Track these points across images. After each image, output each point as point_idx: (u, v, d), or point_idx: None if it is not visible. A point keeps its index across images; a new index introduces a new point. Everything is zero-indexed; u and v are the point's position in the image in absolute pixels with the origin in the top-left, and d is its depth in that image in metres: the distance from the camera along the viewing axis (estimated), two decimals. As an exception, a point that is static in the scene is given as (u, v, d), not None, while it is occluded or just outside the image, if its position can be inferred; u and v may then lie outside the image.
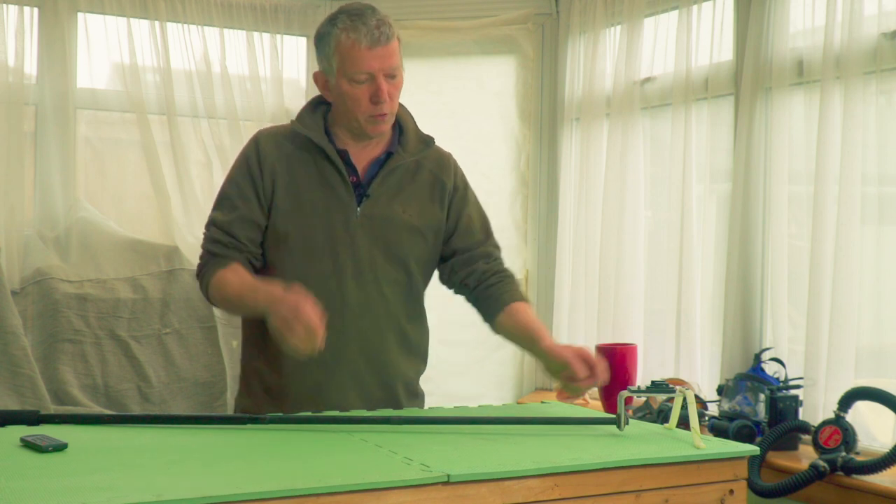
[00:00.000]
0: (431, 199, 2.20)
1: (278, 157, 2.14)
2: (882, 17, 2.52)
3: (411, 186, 2.18)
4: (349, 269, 2.11)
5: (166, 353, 3.39)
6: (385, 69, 2.06)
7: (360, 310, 2.12)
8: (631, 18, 3.30)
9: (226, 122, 3.67)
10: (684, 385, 2.79)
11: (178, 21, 3.60)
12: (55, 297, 3.25)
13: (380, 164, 2.16)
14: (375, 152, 2.17)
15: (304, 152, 2.14)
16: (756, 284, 2.93)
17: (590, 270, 3.49)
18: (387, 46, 2.05)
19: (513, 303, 2.17)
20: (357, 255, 2.12)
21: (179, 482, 1.36)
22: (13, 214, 3.29)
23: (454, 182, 2.24)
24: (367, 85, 2.06)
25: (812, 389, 2.61)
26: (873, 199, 2.56)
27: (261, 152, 2.15)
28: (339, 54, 2.06)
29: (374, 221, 2.13)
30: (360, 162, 2.16)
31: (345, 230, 2.11)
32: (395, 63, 2.07)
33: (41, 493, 1.28)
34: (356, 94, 2.07)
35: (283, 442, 1.68)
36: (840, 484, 2.30)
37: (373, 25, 2.04)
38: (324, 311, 2.07)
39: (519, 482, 1.47)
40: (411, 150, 2.19)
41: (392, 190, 2.16)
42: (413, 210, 2.17)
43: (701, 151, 3.09)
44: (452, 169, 2.25)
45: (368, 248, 2.12)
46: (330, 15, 2.11)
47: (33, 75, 3.43)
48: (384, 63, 2.05)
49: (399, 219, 2.14)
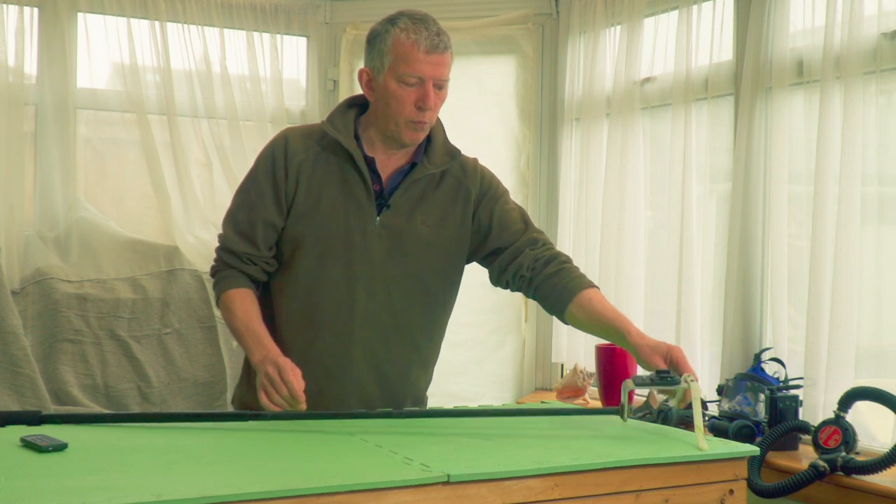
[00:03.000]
0: (454, 208, 2.16)
1: (305, 158, 2.12)
2: (882, 17, 2.52)
3: (433, 196, 2.15)
4: (362, 278, 2.10)
5: (166, 353, 3.39)
6: (436, 77, 2.06)
7: (368, 319, 2.11)
8: (631, 18, 3.30)
9: (226, 122, 3.67)
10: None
11: (178, 21, 3.60)
12: (55, 297, 3.25)
13: (403, 174, 2.14)
14: (401, 162, 2.15)
15: (330, 154, 2.13)
16: (756, 284, 2.93)
17: (590, 270, 3.48)
18: (443, 55, 2.06)
19: (582, 291, 2.07)
20: (371, 265, 2.10)
21: (179, 482, 1.36)
22: (13, 214, 3.29)
23: (480, 187, 2.19)
24: (415, 88, 2.05)
25: (812, 389, 2.61)
26: (873, 199, 2.56)
27: (289, 151, 2.12)
28: (395, 53, 2.04)
29: (392, 232, 2.11)
30: (385, 171, 2.14)
31: (361, 238, 2.10)
32: (446, 74, 2.08)
33: (41, 493, 1.28)
34: (402, 95, 2.05)
35: (283, 442, 1.68)
36: (840, 484, 2.30)
37: (433, 31, 2.06)
38: (333, 317, 2.09)
39: (519, 482, 1.47)
40: (436, 161, 2.16)
41: (413, 201, 2.13)
42: (433, 221, 2.14)
43: (701, 151, 3.09)
44: (478, 174, 2.21)
45: (383, 259, 2.11)
46: (388, 16, 2.10)
47: (33, 75, 3.44)
48: (437, 70, 2.05)
49: (417, 231, 2.12)
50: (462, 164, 2.21)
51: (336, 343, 2.11)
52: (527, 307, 3.84)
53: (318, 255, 2.10)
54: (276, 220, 2.12)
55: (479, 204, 2.18)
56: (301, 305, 2.13)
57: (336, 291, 2.10)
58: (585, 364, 3.43)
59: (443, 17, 3.77)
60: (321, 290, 2.11)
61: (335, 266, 2.10)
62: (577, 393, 3.39)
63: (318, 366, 2.11)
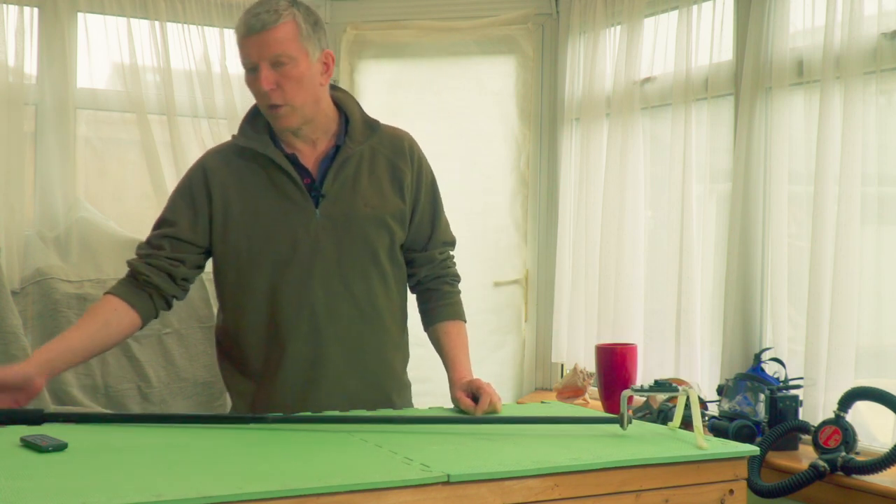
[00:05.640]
0: (392, 189, 2.15)
1: (228, 174, 2.10)
2: (882, 17, 2.52)
3: (369, 178, 2.12)
4: (317, 275, 2.08)
5: (166, 353, 3.39)
6: (266, 57, 1.99)
7: (332, 314, 2.09)
8: (631, 18, 3.30)
9: (226, 122, 3.67)
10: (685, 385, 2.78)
11: (178, 21, 3.60)
12: (55, 297, 3.25)
13: (330, 159, 2.11)
14: (323, 148, 2.12)
15: (252, 163, 2.10)
16: (756, 284, 2.93)
17: (590, 270, 3.49)
18: (263, 33, 1.98)
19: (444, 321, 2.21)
20: (324, 258, 2.08)
21: (179, 482, 1.36)
22: (13, 214, 3.29)
23: (412, 168, 2.18)
24: (256, 74, 2.01)
25: (812, 389, 2.61)
26: (873, 199, 2.56)
27: (208, 172, 2.11)
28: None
29: (336, 220, 2.09)
30: (310, 162, 2.11)
31: (307, 235, 2.08)
32: (277, 50, 1.97)
33: (41, 493, 1.28)
34: (250, 84, 2.04)
35: (283, 442, 1.68)
36: (840, 484, 2.30)
37: (253, 13, 2.00)
38: (298, 322, 2.07)
39: (519, 482, 1.47)
40: (358, 138, 2.12)
41: (348, 184, 2.10)
42: (374, 201, 2.11)
43: (701, 151, 3.09)
44: (408, 153, 2.18)
45: (334, 249, 2.09)
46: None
47: (33, 75, 3.43)
48: (262, 51, 1.99)
49: (361, 213, 2.10)
50: (392, 138, 2.18)
51: (307, 347, 2.09)
52: (527, 307, 3.84)
53: (269, 264, 2.08)
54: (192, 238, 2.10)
55: (412, 187, 2.17)
56: (265, 319, 2.10)
57: (296, 296, 2.08)
58: (585, 364, 3.43)
59: (443, 17, 3.80)
60: (281, 300, 2.08)
61: (289, 270, 2.08)
62: (577, 393, 3.39)
63: (296, 374, 2.09)
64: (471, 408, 1.96)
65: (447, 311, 2.22)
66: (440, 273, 2.24)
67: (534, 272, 3.84)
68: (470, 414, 1.95)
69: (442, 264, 2.25)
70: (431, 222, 2.22)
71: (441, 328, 2.21)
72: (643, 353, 3.23)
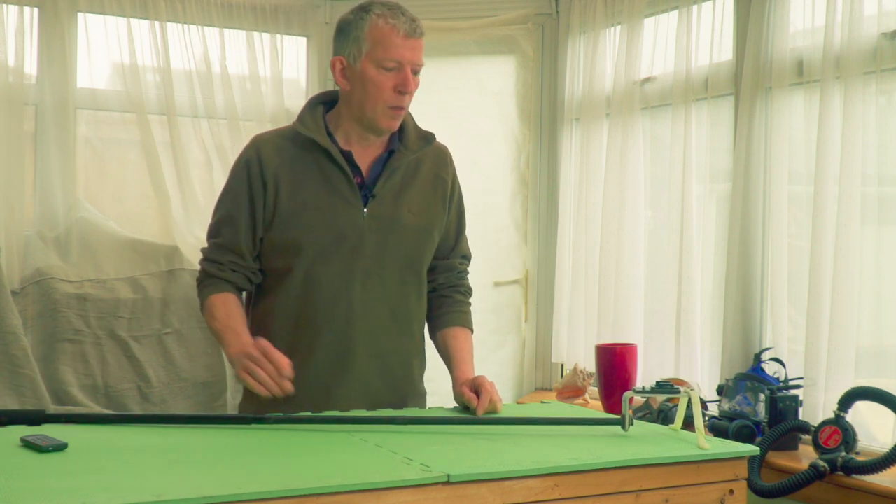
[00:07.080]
0: (434, 195, 2.21)
1: (280, 163, 2.12)
2: (882, 17, 2.52)
3: (414, 184, 2.18)
4: (357, 272, 2.11)
5: (166, 353, 3.39)
6: (414, 62, 2.07)
7: (367, 312, 2.12)
8: (631, 18, 3.30)
9: (226, 122, 3.67)
10: (686, 385, 2.78)
11: (178, 21, 3.60)
12: (55, 297, 3.25)
13: (383, 162, 2.16)
14: (378, 152, 2.17)
15: (306, 154, 2.13)
16: (756, 284, 2.93)
17: (590, 270, 3.49)
18: (419, 41, 2.08)
19: (452, 326, 2.24)
20: (365, 257, 2.12)
21: (179, 482, 1.36)
22: (13, 214, 3.29)
23: (452, 179, 2.26)
24: (394, 73, 2.06)
25: (812, 389, 2.61)
26: (873, 199, 2.56)
27: (262, 159, 2.12)
28: (373, 39, 2.05)
29: (381, 222, 2.13)
30: (364, 162, 2.15)
31: (353, 231, 2.11)
32: (421, 60, 2.10)
33: (41, 493, 1.28)
34: (381, 80, 2.06)
35: (284, 442, 1.68)
36: (840, 484, 2.30)
37: (409, 17, 2.08)
38: (332, 314, 2.09)
39: (519, 482, 1.47)
40: (412, 146, 2.18)
41: (396, 189, 2.15)
42: (417, 208, 2.17)
43: (701, 151, 3.09)
44: (450, 165, 2.27)
45: (376, 249, 2.12)
46: (360, 5, 2.10)
47: (33, 75, 3.43)
48: (415, 56, 2.07)
49: (405, 219, 2.15)
50: (436, 149, 2.25)
51: (337, 340, 2.12)
52: (527, 307, 3.84)
53: (312, 254, 2.10)
54: (257, 230, 2.13)
55: (450, 198, 2.24)
56: (299, 307, 2.13)
57: (333, 288, 2.11)
58: (585, 364, 3.43)
59: (443, 17, 3.80)
60: (318, 290, 2.11)
61: (330, 263, 2.11)
62: (577, 393, 3.39)
63: (322, 366, 2.11)
64: (473, 400, 1.97)
65: (457, 318, 2.26)
66: (455, 282, 2.29)
67: (534, 272, 3.84)
68: (471, 406, 1.97)
69: (459, 274, 2.30)
70: (457, 234, 2.29)
71: (449, 332, 2.24)
72: (643, 353, 3.23)
